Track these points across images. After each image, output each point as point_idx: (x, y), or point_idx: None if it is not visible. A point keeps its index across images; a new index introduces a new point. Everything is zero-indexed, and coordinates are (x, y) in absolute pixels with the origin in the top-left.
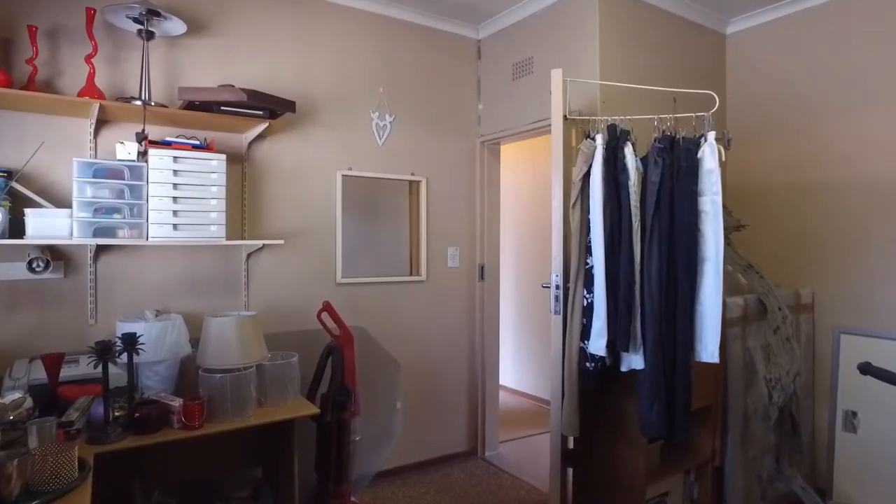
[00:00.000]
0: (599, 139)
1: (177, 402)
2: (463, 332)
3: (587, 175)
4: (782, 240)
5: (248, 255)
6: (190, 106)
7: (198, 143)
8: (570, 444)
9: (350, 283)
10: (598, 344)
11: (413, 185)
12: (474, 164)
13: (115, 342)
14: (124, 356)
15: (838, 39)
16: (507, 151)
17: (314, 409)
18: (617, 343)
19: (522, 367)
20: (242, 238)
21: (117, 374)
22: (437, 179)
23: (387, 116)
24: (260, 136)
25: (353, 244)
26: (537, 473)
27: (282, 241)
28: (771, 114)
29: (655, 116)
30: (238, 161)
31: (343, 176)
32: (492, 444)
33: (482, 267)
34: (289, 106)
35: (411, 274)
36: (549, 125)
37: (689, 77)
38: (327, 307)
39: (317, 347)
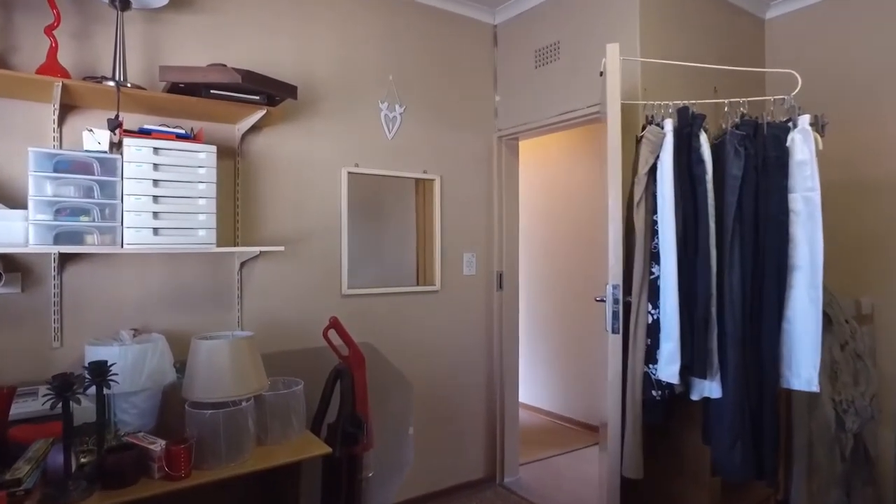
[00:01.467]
0: (669, 125)
1: (158, 446)
2: (480, 346)
3: (653, 168)
4: (837, 244)
5: (242, 265)
6: (173, 89)
7: (183, 132)
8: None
9: (357, 295)
10: (669, 370)
11: (424, 184)
12: (491, 161)
13: (82, 372)
14: (93, 389)
15: (891, 22)
16: (521, 148)
17: (323, 447)
18: (694, 368)
19: (537, 381)
20: (235, 244)
21: (86, 409)
22: (451, 178)
23: (396, 107)
24: (255, 128)
25: (359, 251)
26: (562, 501)
27: (281, 248)
28: (818, 103)
29: (726, 101)
30: (230, 156)
31: (349, 173)
32: (511, 469)
33: (500, 275)
34: (290, 91)
35: (423, 283)
36: (579, 117)
37: (730, 64)
38: (335, 323)
39: (322, 369)
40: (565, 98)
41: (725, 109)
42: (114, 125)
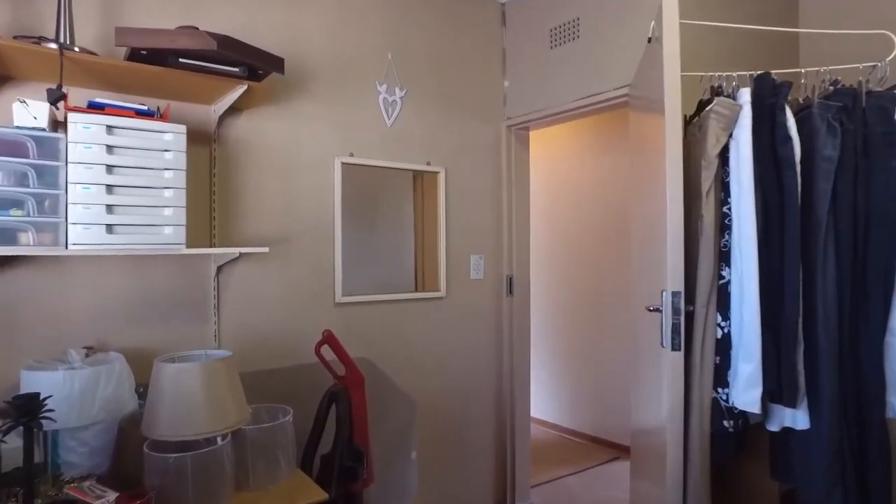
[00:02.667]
0: (745, 95)
1: (105, 502)
2: (489, 358)
3: (726, 149)
4: None
5: (220, 269)
6: (134, 57)
7: (145, 108)
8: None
9: (353, 303)
10: (749, 396)
11: (423, 179)
12: (499, 152)
13: (7, 409)
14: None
15: None
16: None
17: (318, 492)
18: (783, 395)
19: (544, 392)
20: (211, 245)
21: (18, 449)
22: (456, 171)
23: (396, 90)
24: (234, 109)
25: (355, 253)
26: None
27: (265, 249)
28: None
29: (802, 70)
30: (205, 142)
31: (343, 164)
32: (523, 492)
33: (510, 279)
34: (275, 64)
35: (425, 289)
36: (603, 101)
37: (763, 32)
38: (329, 338)
39: (314, 390)
40: (586, 81)
41: (803, 81)
42: (55, 96)
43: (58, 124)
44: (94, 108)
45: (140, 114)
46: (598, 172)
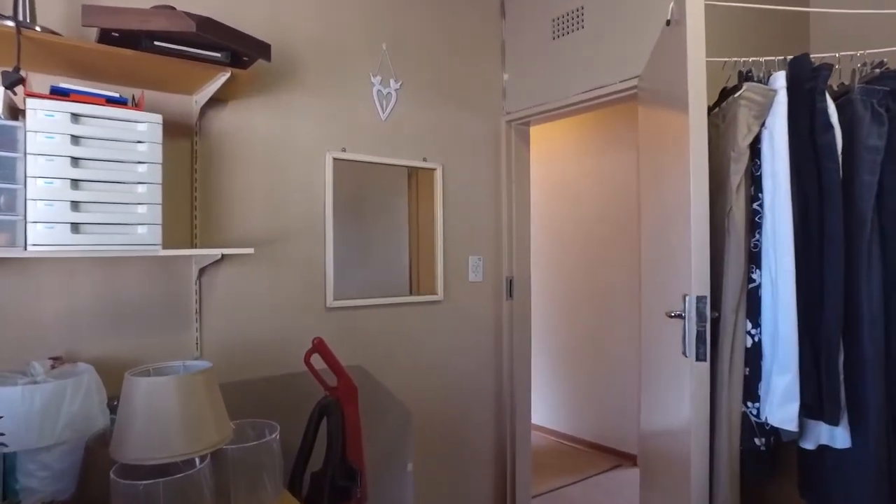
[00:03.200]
0: (780, 79)
1: None
2: (488, 365)
3: (756, 140)
4: None
5: (202, 272)
6: (104, 39)
7: (117, 96)
8: None
9: (345, 308)
10: (785, 411)
11: (417, 176)
12: (498, 149)
13: None
14: None
15: None
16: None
17: None
18: (824, 410)
19: (545, 398)
20: (193, 246)
21: None
22: (454, 167)
23: (391, 82)
24: (218, 100)
25: (347, 254)
26: None
27: (250, 251)
28: None
29: (836, 54)
30: (185, 135)
31: (335, 160)
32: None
33: (510, 281)
34: (261, 50)
35: (421, 292)
36: (609, 94)
37: (775, 15)
38: (319, 346)
39: (303, 401)
40: (591, 73)
41: (837, 66)
42: (11, 80)
43: (16, 112)
44: (58, 94)
45: (110, 101)
46: (597, 171)
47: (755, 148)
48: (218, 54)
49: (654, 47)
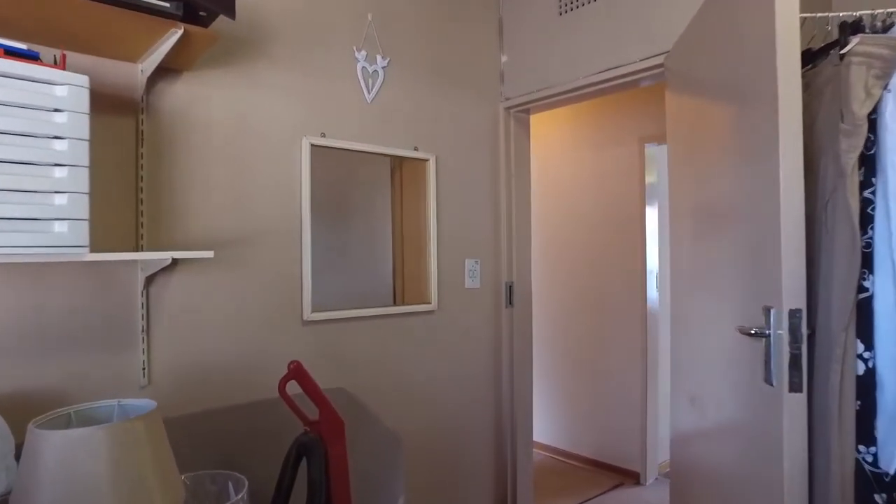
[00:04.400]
0: None
1: None
2: (487, 382)
3: (877, 109)
4: None
5: (150, 280)
6: None
7: (23, 48)
8: None
9: (325, 321)
10: None
11: (405, 167)
12: (496, 139)
13: None
14: None
15: None
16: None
17: None
18: None
19: (541, 413)
20: (138, 248)
21: None
22: (448, 159)
23: (378, 59)
24: (170, 70)
25: (327, 258)
26: None
27: (209, 254)
28: None
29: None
30: (128, 112)
31: (313, 147)
32: None
33: (510, 287)
34: (223, 3)
35: (405, 302)
36: (627, 75)
37: None
38: (297, 371)
39: (277, 434)
40: (605, 51)
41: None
42: None
43: None
44: None
45: (13, 54)
46: (595, 168)
47: (870, 119)
48: (166, 3)
49: (696, 15)
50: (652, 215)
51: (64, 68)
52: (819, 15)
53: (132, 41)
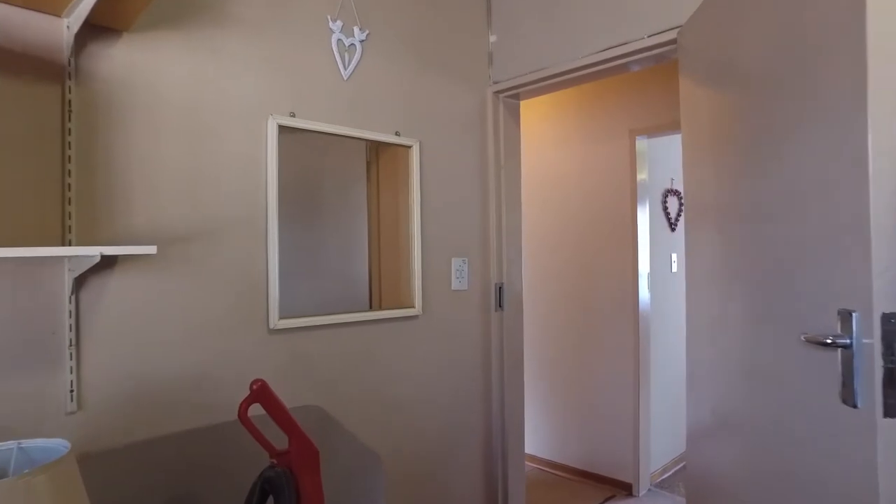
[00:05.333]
0: None
1: None
2: (475, 392)
3: None
4: None
5: (79, 282)
6: None
7: None
8: None
9: (295, 329)
10: None
11: (381, 155)
12: (484, 126)
13: None
14: None
15: None
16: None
17: None
18: None
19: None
20: (64, 243)
21: None
22: (433, 146)
23: (356, 31)
24: (107, 30)
25: (297, 258)
26: None
27: (151, 249)
28: None
29: None
30: (52, 76)
31: (281, 128)
32: None
33: (500, 288)
34: None
35: (379, 306)
36: (632, 54)
37: None
38: (260, 393)
39: (238, 469)
40: (608, 27)
41: None
42: None
43: None
44: None
45: None
46: (585, 163)
47: None
48: None
49: None
50: (643, 214)
51: None
52: None
53: None
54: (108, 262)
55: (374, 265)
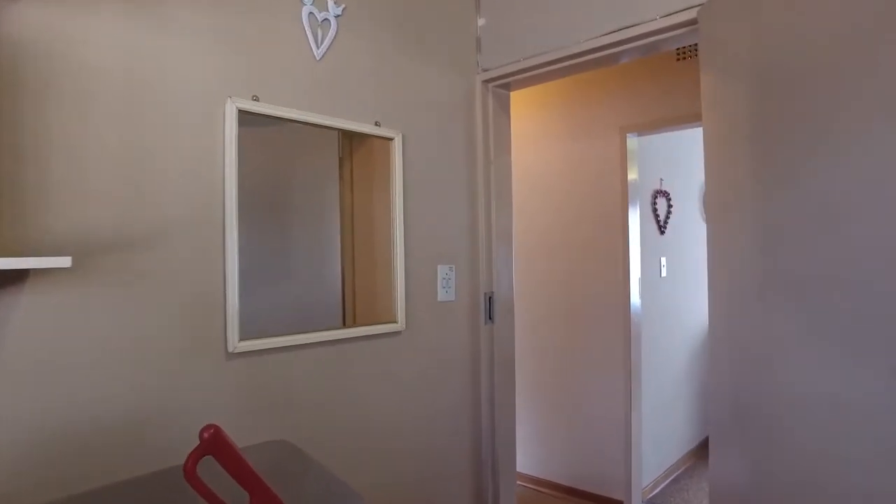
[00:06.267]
0: None
1: None
2: (463, 416)
3: None
4: None
5: None
6: None
7: None
8: None
9: (259, 352)
10: None
11: (356, 151)
12: (472, 118)
13: None
14: None
15: None
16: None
17: None
18: None
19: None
20: None
21: None
22: (417, 140)
23: (330, 4)
24: None
25: (261, 269)
26: None
27: (64, 262)
28: None
29: None
30: None
31: (242, 114)
32: None
33: (490, 298)
34: None
35: (353, 323)
36: (642, 37)
37: None
38: (211, 442)
39: None
40: (612, 7)
41: None
42: None
43: None
44: None
45: None
46: (572, 162)
47: None
48: None
49: None
50: (634, 216)
51: None
52: None
53: None
54: (15, 277)
55: (349, 276)
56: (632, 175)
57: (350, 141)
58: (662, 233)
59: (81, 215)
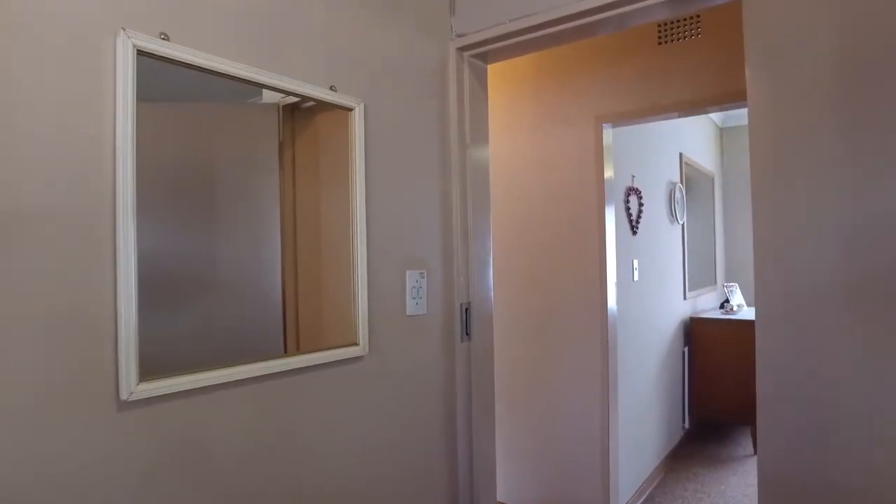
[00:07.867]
0: None
1: None
2: (437, 453)
3: None
4: None
5: None
6: None
7: None
8: None
9: (168, 397)
10: None
11: (301, 131)
12: (445, 92)
13: None
14: None
15: None
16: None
17: None
18: None
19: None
20: None
21: None
22: (380, 111)
23: None
24: None
25: (169, 278)
26: None
27: None
28: None
29: None
30: None
31: (141, 55)
32: None
33: (467, 310)
34: None
35: (298, 348)
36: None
37: None
38: None
39: None
40: None
41: None
42: None
43: None
44: None
45: None
46: (542, 154)
47: None
48: None
49: None
50: (610, 217)
51: None
52: None
53: None
54: None
55: (290, 288)
56: (608, 172)
57: (292, 120)
58: (635, 233)
59: None
